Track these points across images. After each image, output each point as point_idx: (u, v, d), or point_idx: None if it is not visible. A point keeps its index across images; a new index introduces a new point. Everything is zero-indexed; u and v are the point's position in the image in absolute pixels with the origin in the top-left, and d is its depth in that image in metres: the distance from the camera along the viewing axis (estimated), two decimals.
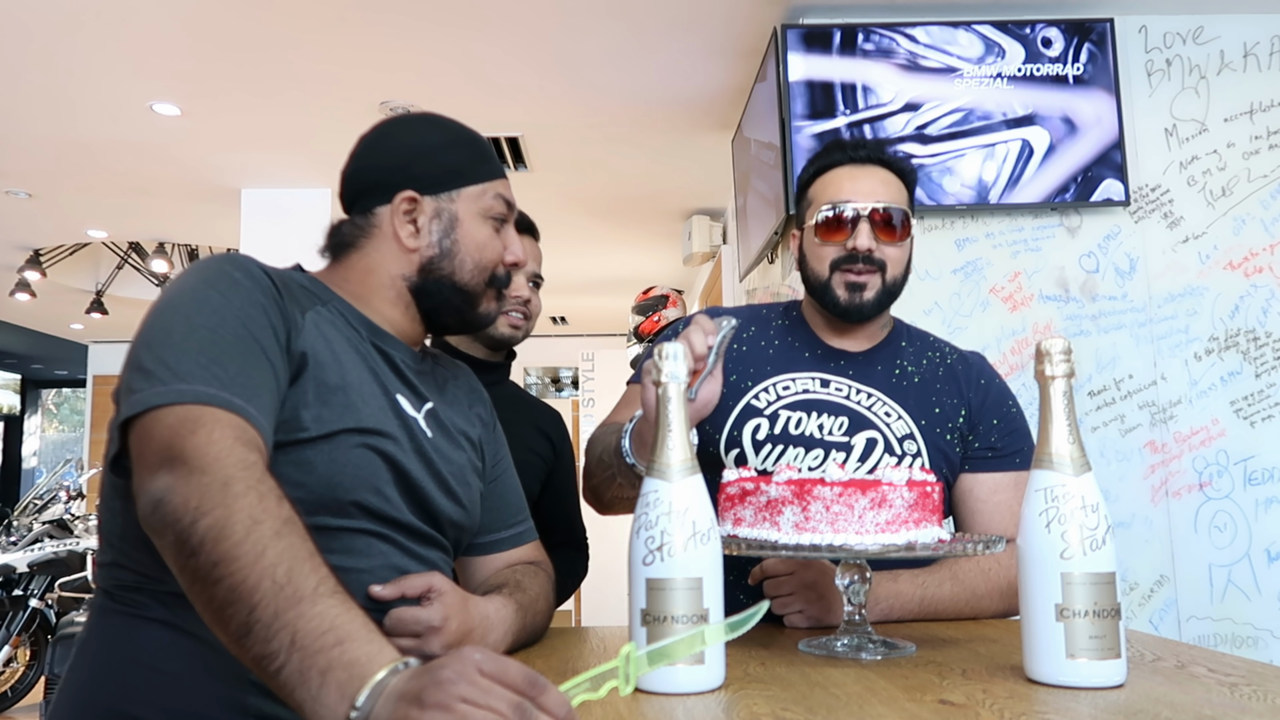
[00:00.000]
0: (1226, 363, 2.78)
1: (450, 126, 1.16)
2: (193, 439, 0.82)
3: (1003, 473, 1.38)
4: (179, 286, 0.96)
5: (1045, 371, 0.90)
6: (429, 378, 1.16)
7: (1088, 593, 0.85)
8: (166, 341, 0.90)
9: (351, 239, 1.12)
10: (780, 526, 0.98)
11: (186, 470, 0.80)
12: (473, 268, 1.11)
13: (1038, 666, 0.87)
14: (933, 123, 2.78)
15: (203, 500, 0.78)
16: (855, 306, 1.36)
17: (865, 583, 1.05)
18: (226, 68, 3.34)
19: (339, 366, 1.01)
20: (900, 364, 1.42)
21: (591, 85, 3.49)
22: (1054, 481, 0.88)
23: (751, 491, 1.02)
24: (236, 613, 0.72)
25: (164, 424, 0.84)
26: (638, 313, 5.83)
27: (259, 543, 0.75)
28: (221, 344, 0.90)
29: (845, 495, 0.96)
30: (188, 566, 0.77)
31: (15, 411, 12.31)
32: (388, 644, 0.71)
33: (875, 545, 0.95)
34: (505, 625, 1.06)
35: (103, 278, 6.72)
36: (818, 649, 1.04)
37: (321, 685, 0.67)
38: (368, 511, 1.00)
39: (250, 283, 0.97)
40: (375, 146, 1.14)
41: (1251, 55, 2.92)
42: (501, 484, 1.25)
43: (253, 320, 0.94)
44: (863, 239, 1.34)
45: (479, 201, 1.12)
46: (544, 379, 9.58)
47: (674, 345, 0.91)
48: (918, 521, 0.98)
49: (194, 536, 0.76)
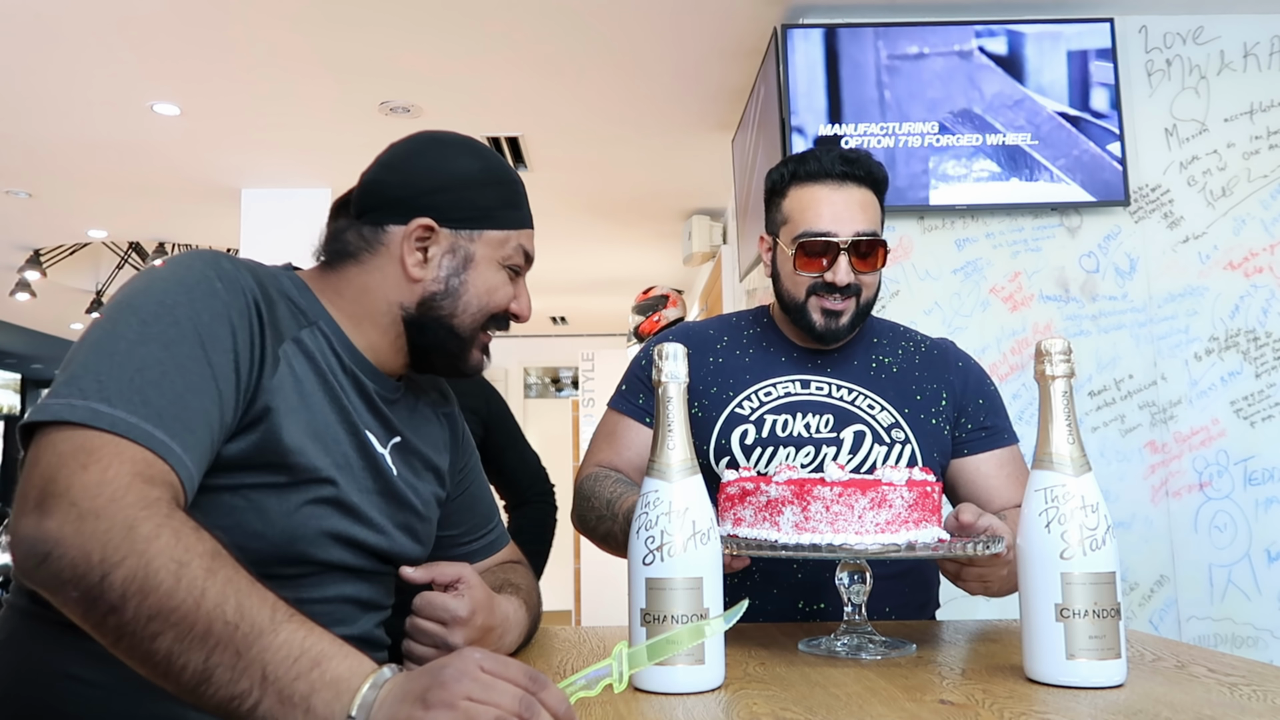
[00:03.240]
0: (1226, 363, 2.78)
1: (491, 162, 1.08)
2: (82, 475, 0.73)
3: (1002, 448, 1.42)
4: (150, 281, 0.88)
5: (1045, 371, 0.90)
6: (401, 405, 1.10)
7: (1088, 593, 0.85)
8: (109, 348, 0.82)
9: (354, 250, 1.04)
10: (780, 526, 0.99)
11: (77, 515, 0.71)
12: (475, 312, 1.05)
13: (1038, 666, 0.87)
14: (933, 123, 2.77)
15: (107, 550, 0.69)
16: (831, 332, 1.38)
17: (865, 582, 1.05)
18: (226, 68, 3.34)
19: (306, 411, 0.94)
20: (876, 357, 1.44)
21: (591, 85, 3.49)
22: (1054, 481, 0.88)
23: (751, 491, 1.03)
24: (189, 662, 0.67)
25: (56, 449, 0.75)
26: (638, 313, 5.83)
27: (193, 586, 0.68)
28: (165, 364, 0.82)
29: (845, 495, 0.97)
30: (107, 624, 0.69)
31: (15, 411, 12.31)
32: (364, 656, 0.69)
33: (875, 545, 0.95)
34: (520, 626, 1.06)
35: (103, 278, 6.72)
36: (818, 649, 1.04)
37: (307, 711, 0.65)
38: (322, 564, 0.96)
39: (230, 296, 0.89)
40: (406, 161, 1.06)
41: (1251, 55, 2.92)
42: (470, 494, 1.22)
43: (215, 340, 0.86)
44: (842, 274, 1.35)
45: (500, 249, 1.06)
46: (544, 379, 9.57)
47: (673, 345, 0.91)
48: (917, 521, 0.98)
49: (109, 593, 0.68)
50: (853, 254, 1.35)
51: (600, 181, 4.63)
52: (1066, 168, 2.77)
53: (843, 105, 2.78)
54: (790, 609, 1.32)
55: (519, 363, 9.23)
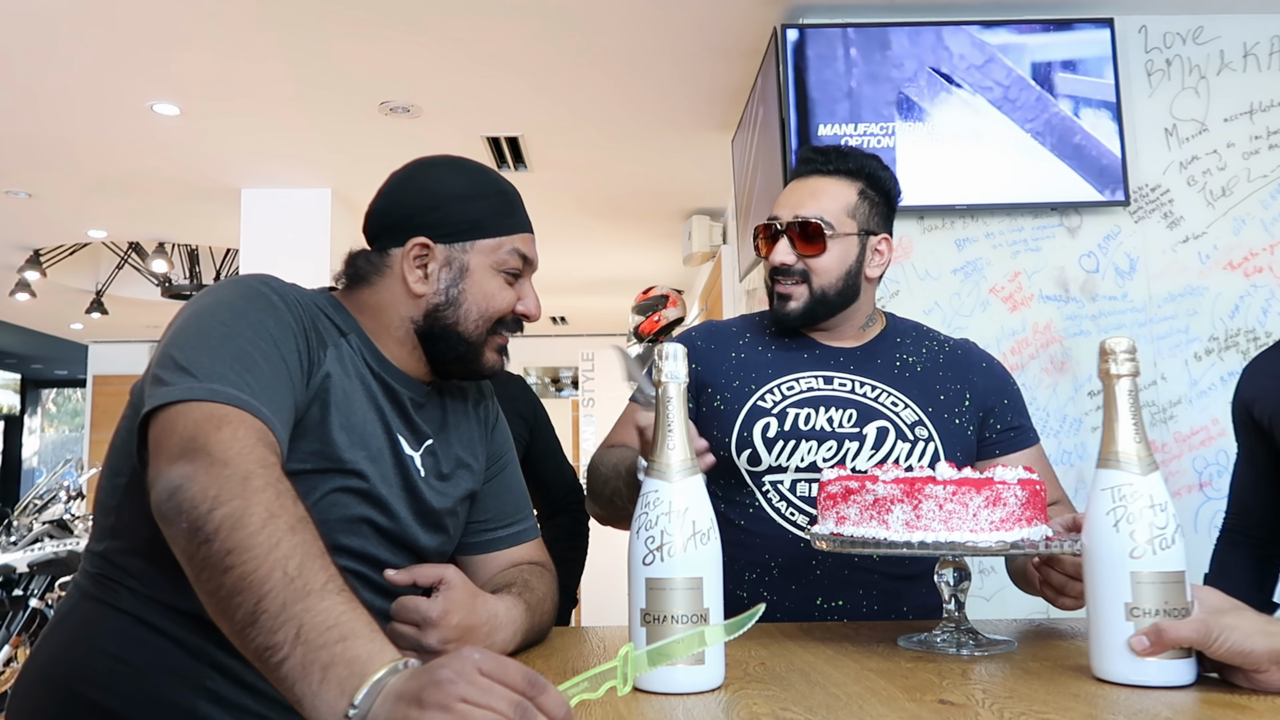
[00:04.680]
0: (1226, 363, 2.78)
1: (479, 175, 1.16)
2: (217, 434, 0.85)
3: (1030, 447, 1.44)
4: (216, 296, 1.00)
5: (1110, 370, 0.90)
6: (432, 410, 1.18)
7: (1157, 592, 0.85)
8: (202, 344, 0.94)
9: (366, 273, 1.14)
10: (889, 525, 0.99)
11: (208, 461, 0.82)
12: (477, 318, 1.13)
13: (1107, 666, 0.87)
14: (932, 123, 2.77)
15: (222, 490, 0.80)
16: (783, 315, 1.43)
17: (968, 579, 1.07)
18: (226, 68, 3.34)
19: (348, 407, 1.05)
20: (900, 356, 1.45)
21: (591, 85, 3.49)
22: (1121, 480, 0.88)
23: (856, 490, 1.03)
24: (244, 601, 0.73)
25: (190, 417, 0.87)
26: (638, 313, 5.83)
27: (274, 535, 0.77)
28: (253, 355, 0.94)
29: (960, 494, 0.97)
30: (199, 554, 0.78)
31: (15, 411, 12.31)
32: (389, 643, 0.71)
33: (993, 542, 0.96)
34: (515, 625, 1.06)
35: (103, 278, 6.72)
36: (917, 645, 1.05)
37: (323, 680, 0.68)
38: (347, 551, 1.04)
39: (284, 306, 1.01)
40: (400, 187, 1.15)
41: (1251, 55, 2.92)
42: (502, 481, 1.26)
43: (283, 341, 0.99)
44: (778, 254, 1.41)
45: (493, 255, 1.13)
46: (544, 379, 9.58)
47: (673, 345, 0.91)
48: (1030, 519, 0.98)
49: (209, 524, 0.78)
50: (795, 236, 1.40)
51: (600, 181, 4.63)
52: (1066, 167, 2.77)
53: (843, 105, 2.78)
54: (808, 606, 1.33)
55: (519, 363, 9.22)
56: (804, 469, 1.33)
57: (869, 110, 2.78)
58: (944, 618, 1.08)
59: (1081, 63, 2.81)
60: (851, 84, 2.78)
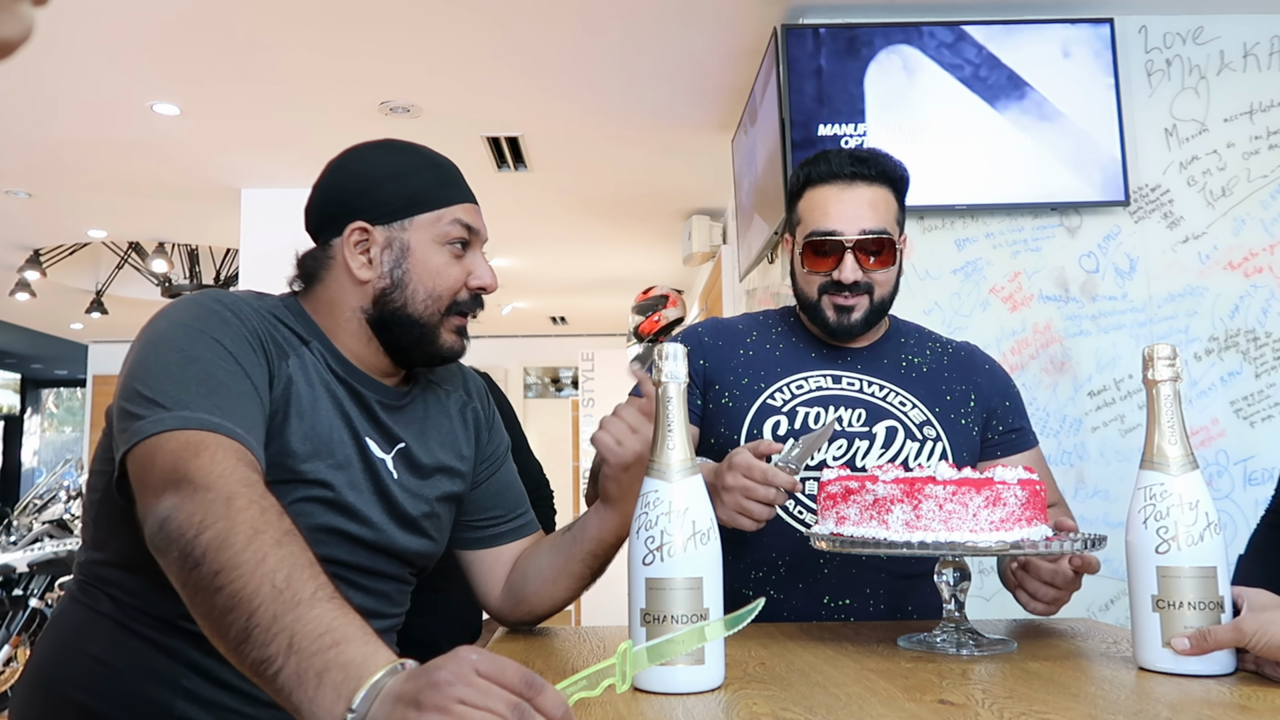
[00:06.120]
0: (1226, 363, 2.78)
1: (409, 151, 1.13)
2: (196, 461, 0.85)
3: (1030, 450, 1.45)
4: (171, 319, 0.99)
5: (1150, 376, 0.94)
6: (407, 412, 1.15)
7: (1182, 586, 0.90)
8: (163, 373, 0.93)
9: (315, 271, 1.12)
10: (889, 525, 0.99)
11: (191, 489, 0.83)
12: (425, 297, 1.09)
13: (1146, 655, 0.92)
14: (932, 123, 2.77)
15: (206, 514, 0.80)
16: (844, 327, 1.39)
17: (968, 579, 1.07)
18: (226, 68, 3.34)
19: (312, 416, 1.04)
20: (906, 357, 1.46)
21: (591, 85, 3.49)
22: (1155, 480, 0.93)
23: (856, 490, 1.03)
24: (236, 618, 0.74)
25: (166, 449, 0.87)
26: (638, 313, 5.83)
27: (260, 550, 0.77)
28: (217, 375, 0.94)
29: (960, 494, 0.97)
30: (190, 579, 0.78)
31: (15, 411, 12.31)
32: (384, 646, 0.71)
33: (993, 542, 0.96)
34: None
35: (103, 278, 6.71)
36: (917, 645, 1.05)
37: (318, 686, 0.68)
38: (321, 560, 1.02)
39: (239, 321, 1.00)
40: (332, 176, 1.13)
41: (1251, 55, 2.92)
42: (500, 480, 1.27)
43: (243, 356, 0.98)
44: (848, 271, 1.36)
45: (434, 228, 1.09)
46: (544, 379, 9.57)
47: (673, 345, 0.91)
48: (1029, 519, 0.99)
49: (197, 549, 0.78)
50: (860, 252, 1.36)
51: (600, 181, 4.63)
52: (1066, 167, 2.77)
53: (843, 105, 2.77)
54: (815, 605, 1.33)
55: (519, 363, 9.23)
56: (813, 467, 1.34)
57: (869, 110, 2.78)
58: (944, 618, 1.08)
59: (1082, 63, 2.81)
60: (852, 84, 2.78)
